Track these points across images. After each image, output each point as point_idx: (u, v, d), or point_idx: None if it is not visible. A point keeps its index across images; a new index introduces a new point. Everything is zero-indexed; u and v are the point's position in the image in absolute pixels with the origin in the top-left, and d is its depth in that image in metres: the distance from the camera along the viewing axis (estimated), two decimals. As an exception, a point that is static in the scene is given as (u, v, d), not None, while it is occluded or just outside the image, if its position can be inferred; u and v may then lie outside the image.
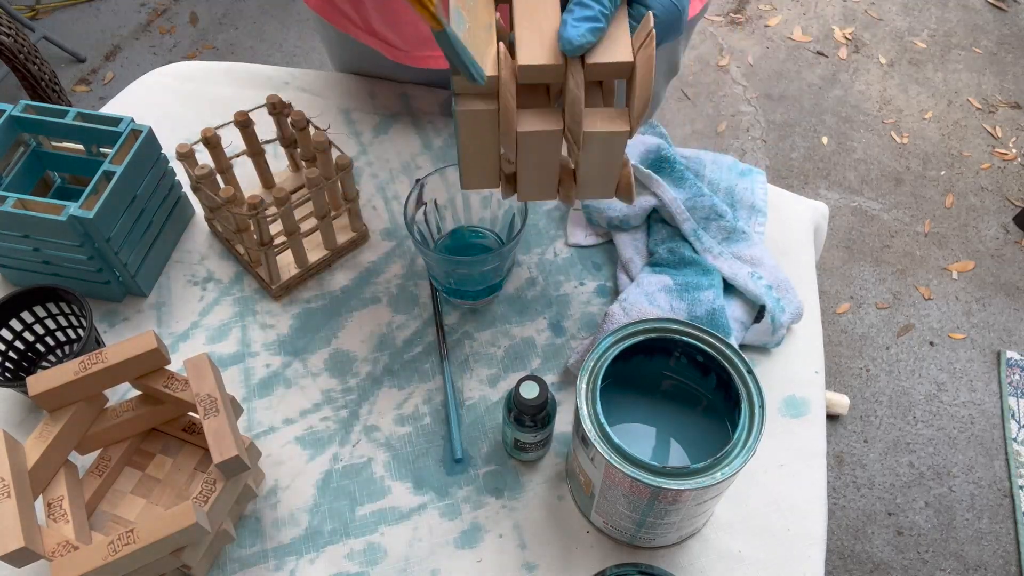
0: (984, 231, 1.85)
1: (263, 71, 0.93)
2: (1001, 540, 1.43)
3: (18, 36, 1.24)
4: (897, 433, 1.55)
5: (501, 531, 0.63)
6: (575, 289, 0.76)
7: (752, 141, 2.02)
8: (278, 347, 0.73)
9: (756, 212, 0.78)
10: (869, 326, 1.69)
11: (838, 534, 1.44)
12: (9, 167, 0.73)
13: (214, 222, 0.78)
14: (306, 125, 0.74)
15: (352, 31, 0.82)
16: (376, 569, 0.62)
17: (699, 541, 0.63)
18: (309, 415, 0.69)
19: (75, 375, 0.56)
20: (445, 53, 0.45)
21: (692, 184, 0.75)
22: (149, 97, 0.91)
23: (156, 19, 2.30)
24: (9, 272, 0.75)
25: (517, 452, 0.65)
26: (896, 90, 2.14)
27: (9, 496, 0.51)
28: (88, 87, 2.12)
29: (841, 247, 1.82)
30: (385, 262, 0.78)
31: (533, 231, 0.80)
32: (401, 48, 0.80)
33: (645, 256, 0.75)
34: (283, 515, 0.64)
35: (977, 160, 1.99)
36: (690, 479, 0.51)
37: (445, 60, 0.79)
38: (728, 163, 0.81)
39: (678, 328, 0.57)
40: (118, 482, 0.63)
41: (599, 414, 0.53)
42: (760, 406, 0.53)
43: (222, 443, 0.54)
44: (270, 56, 2.19)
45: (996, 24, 2.32)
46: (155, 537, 0.51)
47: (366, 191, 0.83)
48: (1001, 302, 1.73)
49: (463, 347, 0.73)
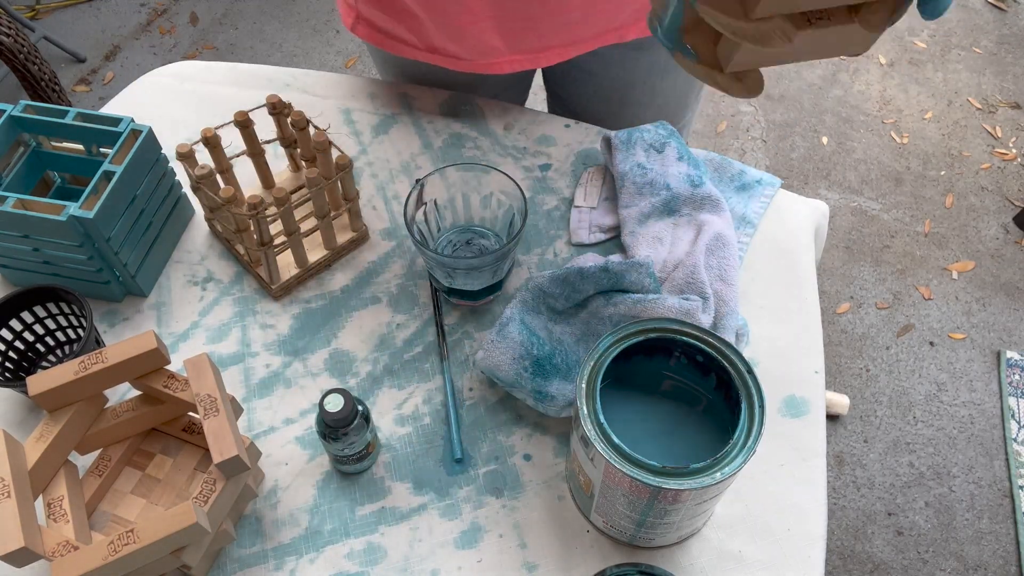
0: (984, 231, 1.85)
1: (263, 71, 0.93)
2: (1001, 540, 1.43)
3: (18, 36, 1.24)
4: (897, 433, 1.55)
5: (501, 531, 0.63)
6: (575, 289, 0.76)
7: (752, 141, 2.02)
8: (278, 347, 0.73)
9: (745, 223, 0.79)
10: (869, 326, 1.69)
11: (838, 534, 1.44)
12: (9, 167, 0.73)
13: (214, 222, 0.78)
14: (306, 125, 0.74)
15: (410, 53, 0.84)
16: (376, 569, 0.62)
17: (699, 541, 0.63)
18: (309, 415, 0.69)
19: (75, 375, 0.56)
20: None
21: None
22: (149, 97, 0.91)
23: (156, 19, 2.30)
24: (9, 272, 0.75)
25: (339, 465, 0.65)
26: (896, 90, 2.14)
27: (9, 496, 0.51)
28: (88, 87, 2.12)
29: (841, 247, 1.82)
30: (385, 262, 0.78)
31: (533, 231, 0.80)
32: (464, 58, 0.81)
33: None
34: (283, 515, 0.64)
35: (977, 160, 1.99)
36: (690, 479, 0.51)
37: (507, 64, 0.81)
38: (733, 172, 0.82)
39: (678, 328, 0.57)
40: (118, 482, 0.63)
41: (599, 414, 0.53)
42: (760, 406, 0.53)
43: (222, 443, 0.54)
44: (270, 56, 2.19)
45: (996, 24, 2.32)
46: (155, 537, 0.51)
47: (366, 191, 0.83)
48: (1001, 302, 1.73)
49: (463, 347, 0.73)
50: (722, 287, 0.71)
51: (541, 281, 0.70)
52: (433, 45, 0.81)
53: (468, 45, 0.79)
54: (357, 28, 0.85)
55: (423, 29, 0.80)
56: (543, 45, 0.80)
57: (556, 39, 0.79)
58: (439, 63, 0.83)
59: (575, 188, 0.83)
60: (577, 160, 0.86)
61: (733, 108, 2.08)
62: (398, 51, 0.84)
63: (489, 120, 0.89)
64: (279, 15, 2.30)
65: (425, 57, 0.83)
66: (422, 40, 0.81)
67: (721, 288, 0.71)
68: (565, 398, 0.65)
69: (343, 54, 2.21)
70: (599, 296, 0.71)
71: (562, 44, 0.80)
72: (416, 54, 0.83)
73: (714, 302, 0.70)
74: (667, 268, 0.73)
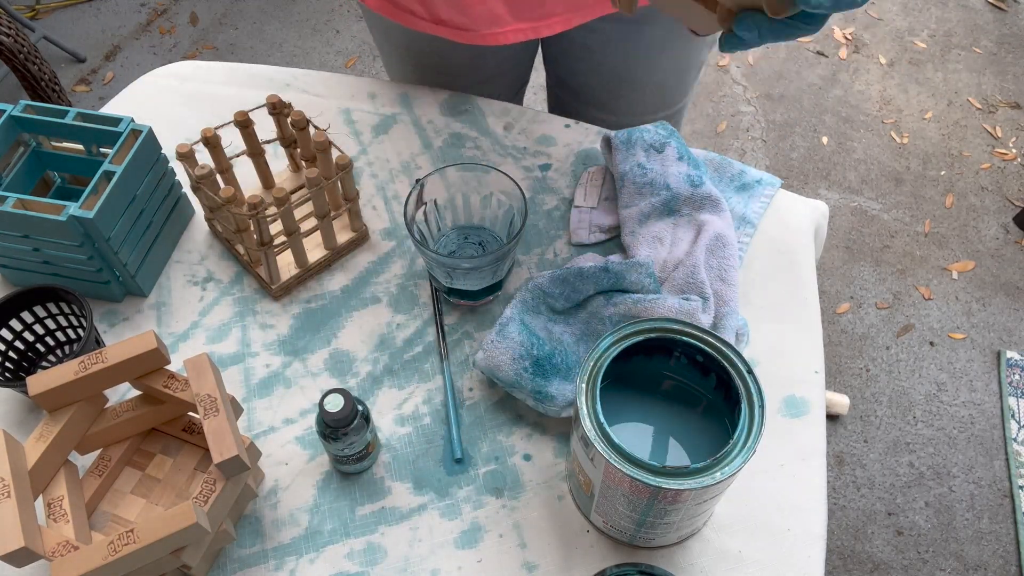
0: (984, 231, 1.85)
1: (263, 71, 0.93)
2: (1001, 540, 1.43)
3: (18, 36, 1.24)
4: (897, 433, 1.55)
5: (501, 531, 0.63)
6: (575, 289, 0.76)
7: (752, 141, 2.02)
8: (278, 347, 0.73)
9: (745, 223, 0.79)
10: (869, 326, 1.69)
11: (838, 534, 1.44)
12: (9, 167, 0.73)
13: (214, 222, 0.78)
14: (306, 125, 0.74)
15: (419, 24, 0.84)
16: (376, 569, 0.62)
17: (699, 541, 0.63)
18: (309, 415, 0.69)
19: (75, 375, 0.56)
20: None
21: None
22: (149, 97, 0.91)
23: (156, 19, 2.30)
24: (9, 272, 0.75)
25: (339, 465, 0.65)
26: (896, 90, 2.14)
27: (9, 496, 0.51)
28: (88, 87, 2.12)
29: (841, 247, 1.82)
30: (385, 262, 0.78)
31: (533, 231, 0.80)
32: (470, 29, 0.82)
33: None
34: (283, 515, 0.64)
35: (977, 160, 1.99)
36: (690, 479, 0.51)
37: (512, 35, 0.81)
38: (733, 172, 0.82)
39: (678, 328, 0.57)
40: (118, 482, 0.63)
41: (599, 414, 0.53)
42: (760, 406, 0.53)
43: (222, 443, 0.54)
44: (270, 56, 2.19)
45: (996, 24, 2.32)
46: (155, 537, 0.51)
47: (366, 191, 0.83)
48: (1001, 302, 1.73)
49: (463, 347, 0.73)
50: (722, 287, 0.71)
51: (541, 281, 0.70)
52: (439, 16, 0.81)
53: (474, 14, 0.80)
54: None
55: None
56: (546, 12, 0.81)
57: (560, 5, 0.80)
58: (444, 35, 0.83)
59: (575, 188, 0.83)
60: (577, 160, 0.86)
61: (733, 108, 2.08)
62: (405, 21, 0.84)
63: (489, 120, 0.89)
64: (279, 15, 2.30)
65: (431, 29, 0.83)
66: (428, 11, 0.82)
67: (721, 288, 0.71)
68: (565, 398, 0.65)
69: (343, 54, 2.21)
70: (599, 296, 0.71)
71: (566, 10, 0.81)
72: (423, 25, 0.84)
73: (714, 302, 0.70)
74: (667, 268, 0.73)
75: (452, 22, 0.82)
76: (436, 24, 0.83)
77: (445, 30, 0.83)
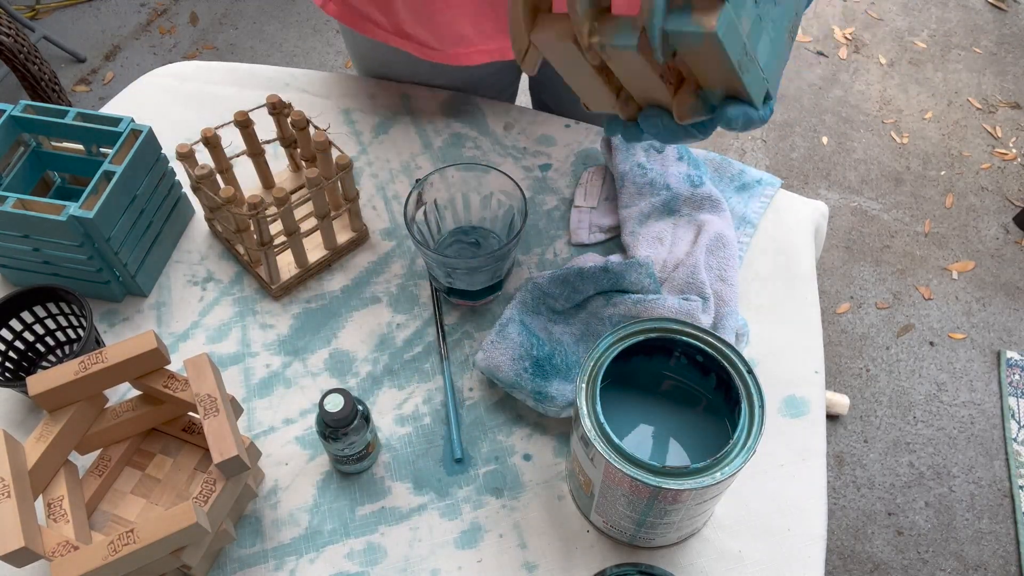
0: (984, 231, 1.85)
1: (263, 71, 0.93)
2: (1001, 540, 1.43)
3: (18, 36, 1.24)
4: (897, 433, 1.55)
5: (501, 531, 0.63)
6: (575, 289, 0.76)
7: (752, 141, 2.02)
8: (278, 347, 0.73)
9: (745, 223, 0.79)
10: (869, 326, 1.69)
11: (838, 534, 1.44)
12: (9, 167, 0.73)
13: (214, 222, 0.78)
14: (306, 125, 0.74)
15: (380, 35, 0.82)
16: (376, 569, 0.62)
17: (699, 541, 0.63)
18: (309, 415, 0.69)
19: (75, 375, 0.56)
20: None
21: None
22: (149, 97, 0.91)
23: (156, 19, 2.30)
24: (9, 272, 0.75)
25: (339, 465, 0.65)
26: (896, 90, 2.14)
27: (9, 496, 0.51)
28: (88, 87, 2.12)
29: (841, 247, 1.82)
30: (385, 262, 0.78)
31: (533, 231, 0.80)
32: (435, 47, 0.80)
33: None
34: (283, 515, 0.64)
35: (977, 160, 1.99)
36: (690, 479, 0.51)
37: (478, 55, 0.80)
38: (733, 172, 0.82)
39: (678, 328, 0.57)
40: (118, 482, 0.63)
41: (599, 414, 0.53)
42: (760, 406, 0.53)
43: (222, 443, 0.54)
44: (270, 56, 2.19)
45: (996, 24, 2.32)
46: (155, 537, 0.51)
47: (366, 191, 0.83)
48: (1001, 302, 1.73)
49: (463, 347, 0.73)
50: (722, 287, 0.71)
51: (541, 281, 0.70)
52: (403, 29, 0.80)
53: (438, 32, 0.78)
54: (328, 6, 0.83)
55: (394, 10, 0.78)
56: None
57: None
58: (409, 50, 0.82)
59: (575, 188, 0.83)
60: (577, 160, 0.86)
61: (733, 108, 2.08)
62: (369, 32, 0.83)
63: (489, 120, 0.89)
64: (279, 15, 2.30)
65: (395, 42, 0.82)
66: (392, 22, 0.80)
67: (721, 288, 0.71)
68: (565, 398, 0.65)
69: (343, 54, 2.21)
70: (599, 296, 0.71)
71: None
72: (387, 37, 0.82)
73: (714, 302, 0.70)
74: (667, 268, 0.73)
75: (416, 37, 0.80)
76: (400, 37, 0.81)
77: (408, 44, 0.81)
